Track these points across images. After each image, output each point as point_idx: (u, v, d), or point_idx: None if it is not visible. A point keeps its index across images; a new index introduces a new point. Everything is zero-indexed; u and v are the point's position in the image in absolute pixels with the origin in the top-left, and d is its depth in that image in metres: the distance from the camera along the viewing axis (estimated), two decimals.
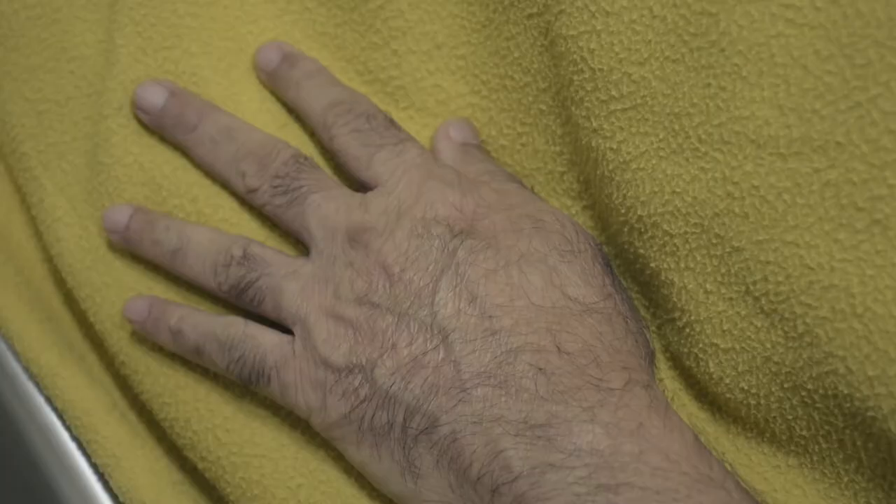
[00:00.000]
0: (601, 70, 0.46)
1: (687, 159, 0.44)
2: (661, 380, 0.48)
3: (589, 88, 0.46)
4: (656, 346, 0.49)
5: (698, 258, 0.45)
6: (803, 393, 0.43)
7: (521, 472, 0.42)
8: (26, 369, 0.54)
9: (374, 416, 0.46)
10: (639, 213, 0.46)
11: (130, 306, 0.52)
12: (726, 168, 0.43)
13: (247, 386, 0.50)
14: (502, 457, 0.43)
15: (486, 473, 0.43)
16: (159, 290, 0.53)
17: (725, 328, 0.45)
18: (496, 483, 0.43)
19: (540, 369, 0.44)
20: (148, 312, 0.52)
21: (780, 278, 0.42)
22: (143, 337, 0.53)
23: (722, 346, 0.45)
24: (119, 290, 0.53)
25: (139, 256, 0.53)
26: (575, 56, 0.46)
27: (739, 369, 0.45)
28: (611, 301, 0.46)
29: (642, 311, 0.49)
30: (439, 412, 0.44)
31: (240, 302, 0.51)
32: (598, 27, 0.45)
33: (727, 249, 0.44)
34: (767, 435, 0.46)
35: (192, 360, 0.52)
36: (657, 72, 0.45)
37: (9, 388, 0.54)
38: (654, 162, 0.45)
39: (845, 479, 0.44)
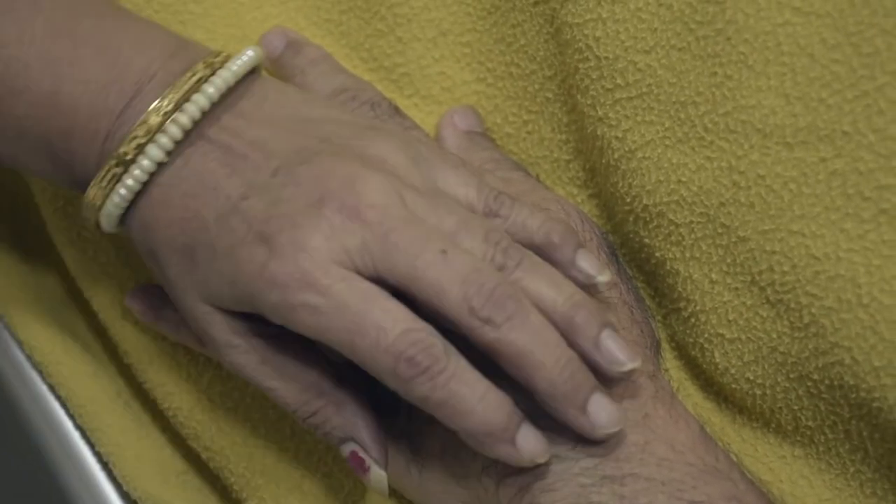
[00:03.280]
0: (607, 58, 0.45)
1: (693, 148, 0.44)
2: (666, 370, 0.48)
3: (594, 77, 0.46)
4: (662, 335, 0.49)
5: (704, 248, 0.45)
6: (809, 383, 0.43)
7: None
8: (30, 358, 0.54)
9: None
10: (644, 202, 0.46)
11: (132, 295, 0.52)
12: (732, 157, 0.43)
13: None
14: None
15: (490, 465, 0.43)
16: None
17: (731, 318, 0.45)
18: (501, 474, 0.42)
19: None
20: (149, 302, 0.52)
21: (785, 268, 0.42)
22: (147, 326, 0.52)
23: (727, 335, 0.45)
24: (121, 280, 0.53)
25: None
26: (580, 44, 0.46)
27: (745, 359, 0.45)
28: (616, 290, 0.46)
29: (648, 301, 0.49)
30: None
31: None
32: (604, 15, 0.45)
33: (733, 239, 0.44)
34: (773, 425, 0.46)
35: (194, 350, 0.52)
36: (663, 60, 0.44)
37: (13, 376, 0.54)
38: (659, 151, 0.45)
39: (851, 469, 0.44)
